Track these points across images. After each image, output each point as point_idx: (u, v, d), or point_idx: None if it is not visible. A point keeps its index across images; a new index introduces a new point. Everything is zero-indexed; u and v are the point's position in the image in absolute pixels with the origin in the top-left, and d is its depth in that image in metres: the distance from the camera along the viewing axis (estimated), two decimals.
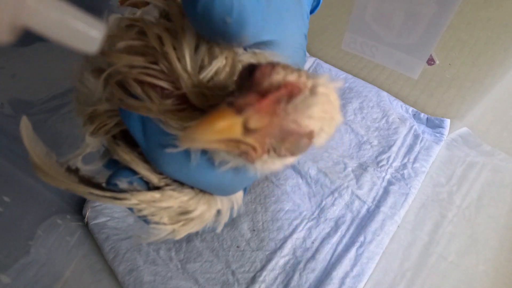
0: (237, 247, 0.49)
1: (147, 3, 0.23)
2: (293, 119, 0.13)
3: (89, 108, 0.17)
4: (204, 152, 0.16)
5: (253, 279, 0.46)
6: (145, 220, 0.18)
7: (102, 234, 0.48)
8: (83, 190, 0.16)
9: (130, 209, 0.17)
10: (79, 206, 0.52)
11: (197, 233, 0.50)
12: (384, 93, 0.69)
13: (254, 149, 0.13)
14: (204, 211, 0.18)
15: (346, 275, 0.46)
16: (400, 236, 0.50)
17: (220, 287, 0.46)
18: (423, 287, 0.44)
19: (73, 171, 0.17)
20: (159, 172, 0.17)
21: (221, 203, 0.19)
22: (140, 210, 0.17)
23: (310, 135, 0.13)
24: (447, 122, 0.63)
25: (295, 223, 0.52)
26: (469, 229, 0.49)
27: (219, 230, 0.21)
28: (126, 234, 0.49)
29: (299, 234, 0.50)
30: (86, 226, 0.50)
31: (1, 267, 0.29)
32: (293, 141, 0.13)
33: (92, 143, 0.17)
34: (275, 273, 0.47)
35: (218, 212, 0.20)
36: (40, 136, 0.42)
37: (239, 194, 0.21)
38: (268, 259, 0.48)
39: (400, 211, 0.52)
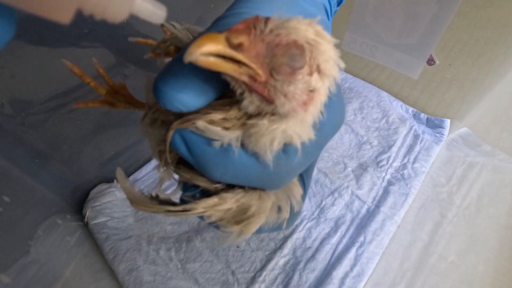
0: (237, 247, 0.49)
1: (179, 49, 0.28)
2: (272, 34, 0.15)
3: (156, 149, 0.21)
4: (243, 148, 0.18)
5: (253, 279, 0.46)
6: (216, 226, 0.21)
7: (102, 234, 0.48)
8: (162, 210, 0.20)
9: (201, 217, 0.21)
10: (79, 206, 0.52)
11: (197, 233, 0.50)
12: (384, 93, 0.69)
13: (256, 72, 0.15)
14: (259, 205, 0.20)
15: (346, 275, 0.46)
16: (400, 236, 0.50)
17: (220, 287, 0.46)
18: (423, 287, 0.44)
19: (154, 198, 0.22)
20: (214, 181, 0.20)
21: (275, 196, 0.21)
22: (208, 217, 0.20)
23: (296, 45, 0.15)
24: (447, 122, 0.63)
25: (295, 223, 0.52)
26: (469, 229, 0.49)
27: (284, 227, 0.23)
28: (126, 234, 0.49)
29: (299, 234, 0.50)
30: (86, 226, 0.50)
31: (1, 267, 0.29)
32: (283, 53, 0.15)
33: (165, 175, 0.22)
34: (275, 273, 0.47)
35: (279, 208, 0.21)
36: (40, 136, 0.42)
37: (296, 189, 0.22)
38: (268, 259, 0.48)
39: (400, 211, 0.52)
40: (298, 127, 0.17)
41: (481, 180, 0.54)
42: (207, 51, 0.14)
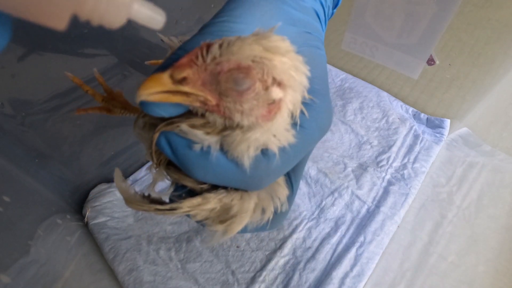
0: (237, 247, 0.49)
1: None
2: (214, 62, 0.16)
3: (148, 151, 0.22)
4: (222, 151, 0.19)
5: (253, 279, 0.46)
6: (202, 225, 0.22)
7: (102, 234, 0.48)
8: (151, 208, 0.21)
9: (188, 216, 0.21)
10: (79, 206, 0.52)
11: (197, 233, 0.50)
12: (384, 93, 0.69)
13: (205, 98, 0.16)
14: (240, 205, 0.21)
15: (346, 275, 0.46)
16: (400, 236, 0.50)
17: (220, 287, 0.46)
18: (423, 287, 0.44)
19: (146, 197, 0.23)
20: (199, 182, 0.21)
21: (258, 197, 0.22)
22: (194, 216, 0.21)
23: (240, 68, 0.16)
24: (447, 122, 0.63)
25: (295, 223, 0.52)
26: (469, 229, 0.49)
27: (268, 228, 0.23)
28: (126, 234, 0.49)
29: (299, 234, 0.50)
30: (86, 226, 0.50)
31: (1, 267, 0.29)
32: (227, 79, 0.16)
33: (157, 176, 0.23)
34: (275, 273, 0.47)
35: (263, 210, 0.22)
36: (40, 136, 0.42)
37: (280, 190, 0.22)
38: (268, 259, 0.48)
39: (400, 211, 0.52)
40: (270, 135, 0.18)
41: (481, 180, 0.54)
42: (152, 92, 0.16)
